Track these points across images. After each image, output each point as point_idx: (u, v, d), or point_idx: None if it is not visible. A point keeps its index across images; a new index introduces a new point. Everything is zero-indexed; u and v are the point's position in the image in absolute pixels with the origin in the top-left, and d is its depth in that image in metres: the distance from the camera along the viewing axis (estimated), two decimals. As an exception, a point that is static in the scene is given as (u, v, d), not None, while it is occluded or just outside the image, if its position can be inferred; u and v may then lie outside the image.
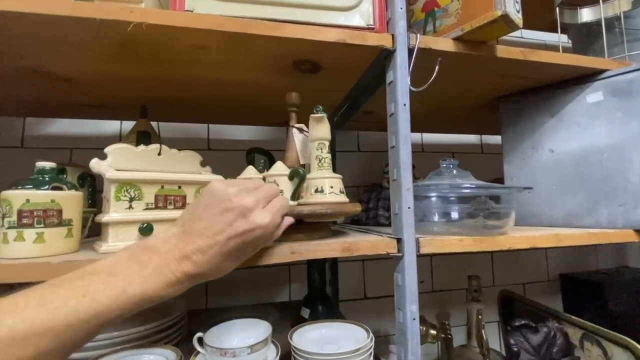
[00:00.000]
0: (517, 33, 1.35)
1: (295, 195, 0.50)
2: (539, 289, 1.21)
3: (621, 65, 0.63)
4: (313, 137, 0.52)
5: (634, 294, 1.05)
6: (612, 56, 0.72)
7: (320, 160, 0.52)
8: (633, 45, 0.75)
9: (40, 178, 0.44)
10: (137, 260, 0.32)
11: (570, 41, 0.93)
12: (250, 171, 0.54)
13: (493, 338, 1.10)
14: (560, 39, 0.82)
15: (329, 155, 0.53)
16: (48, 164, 0.44)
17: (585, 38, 0.86)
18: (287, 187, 0.50)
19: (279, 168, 0.51)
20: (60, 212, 0.42)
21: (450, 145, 1.20)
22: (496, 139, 1.24)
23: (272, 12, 0.49)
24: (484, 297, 0.93)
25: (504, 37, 0.55)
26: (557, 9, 0.84)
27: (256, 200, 0.36)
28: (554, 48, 0.81)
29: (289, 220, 0.42)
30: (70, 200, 0.43)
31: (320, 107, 0.52)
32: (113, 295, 0.29)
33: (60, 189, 0.43)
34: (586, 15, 0.86)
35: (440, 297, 1.11)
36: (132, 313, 0.31)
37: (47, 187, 0.42)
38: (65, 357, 0.29)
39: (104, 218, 0.44)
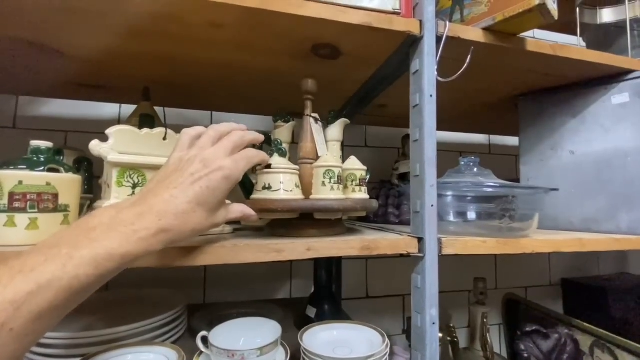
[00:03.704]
0: (529, 33, 1.32)
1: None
2: (541, 293, 1.20)
3: (650, 66, 0.61)
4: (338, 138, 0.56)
5: (636, 301, 1.04)
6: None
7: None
8: (651, 49, 0.73)
9: (35, 158, 0.40)
10: (82, 227, 0.28)
11: (584, 43, 0.90)
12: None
13: (494, 342, 1.09)
14: (579, 41, 0.80)
15: None
16: (44, 144, 0.40)
17: (602, 40, 0.84)
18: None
19: (355, 162, 0.51)
20: (56, 196, 0.38)
21: (457, 144, 1.18)
22: (504, 140, 1.22)
23: (294, -11, 0.45)
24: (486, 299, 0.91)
25: (521, 35, 0.53)
26: (578, 9, 0.82)
27: (216, 150, 0.35)
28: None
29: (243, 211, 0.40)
30: (68, 184, 0.39)
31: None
32: (56, 263, 0.25)
33: (57, 171, 0.40)
34: (606, 16, 0.83)
35: (442, 298, 1.09)
36: (97, 277, 0.27)
37: (42, 168, 0.39)
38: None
39: (104, 205, 0.40)
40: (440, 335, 0.81)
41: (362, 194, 0.49)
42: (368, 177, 0.54)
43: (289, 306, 0.79)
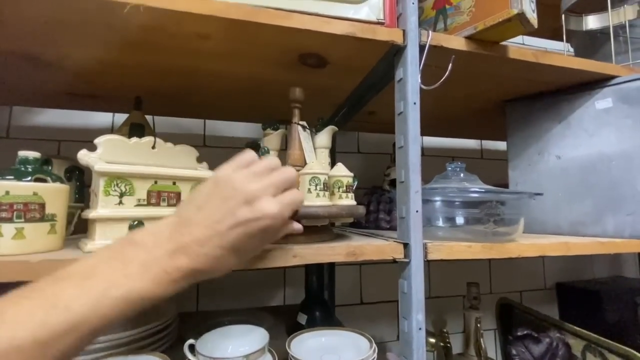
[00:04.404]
0: (518, 39, 1.34)
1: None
2: (536, 297, 1.20)
3: (632, 72, 0.62)
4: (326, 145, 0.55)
5: (630, 304, 1.04)
6: (617, 64, 0.72)
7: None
8: (637, 55, 0.74)
9: (23, 169, 0.40)
10: (119, 258, 0.28)
11: (572, 49, 0.92)
12: None
13: (489, 347, 1.09)
14: (565, 46, 0.82)
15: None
16: (31, 154, 0.41)
17: (589, 46, 0.85)
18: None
19: (341, 169, 0.51)
20: (43, 206, 0.39)
21: (449, 149, 1.19)
22: (496, 145, 1.24)
23: (278, 1, 0.46)
24: (480, 304, 0.91)
25: (505, 43, 0.54)
26: (563, 15, 0.83)
27: (264, 186, 0.31)
28: (557, 55, 0.80)
29: (298, 226, 0.37)
30: (55, 194, 0.40)
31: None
32: (91, 302, 0.25)
33: (43, 180, 0.40)
34: (592, 22, 0.85)
35: (436, 303, 1.09)
36: (120, 319, 0.27)
37: (29, 178, 0.39)
38: None
39: (91, 214, 0.41)
40: (433, 340, 0.81)
41: (348, 200, 0.50)
42: (356, 183, 0.54)
43: (281, 314, 0.79)
